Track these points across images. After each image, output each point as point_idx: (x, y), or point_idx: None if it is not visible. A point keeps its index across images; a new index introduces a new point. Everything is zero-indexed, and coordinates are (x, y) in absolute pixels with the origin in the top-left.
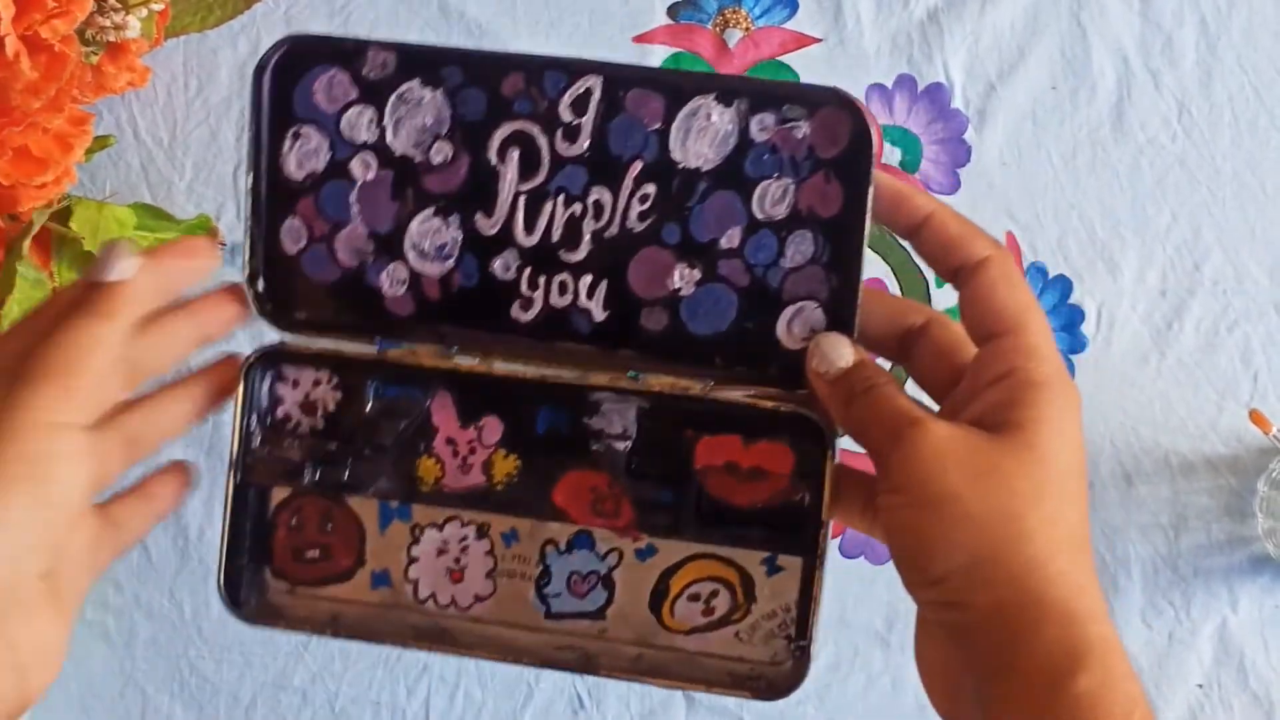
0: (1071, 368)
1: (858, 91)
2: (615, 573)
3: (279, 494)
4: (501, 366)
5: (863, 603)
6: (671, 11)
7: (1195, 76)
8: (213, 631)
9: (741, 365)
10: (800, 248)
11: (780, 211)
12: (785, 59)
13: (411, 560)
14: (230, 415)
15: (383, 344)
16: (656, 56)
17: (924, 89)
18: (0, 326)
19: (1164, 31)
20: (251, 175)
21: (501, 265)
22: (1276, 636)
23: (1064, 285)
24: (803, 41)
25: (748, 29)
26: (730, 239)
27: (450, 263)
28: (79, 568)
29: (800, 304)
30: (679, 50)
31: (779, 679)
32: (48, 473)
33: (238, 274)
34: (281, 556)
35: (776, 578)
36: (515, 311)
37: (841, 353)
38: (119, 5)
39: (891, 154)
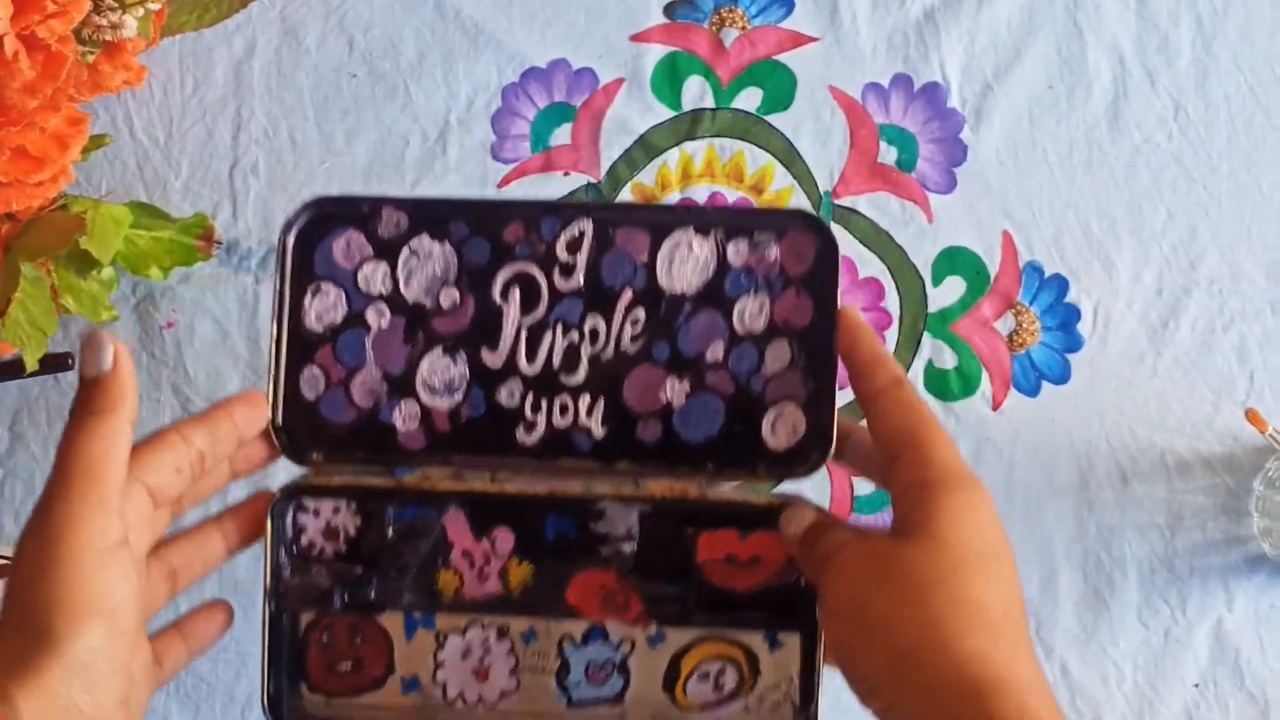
0: (1067, 367)
1: (854, 91)
2: (629, 660)
3: (309, 614)
4: (511, 485)
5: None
6: (668, 10)
7: (1191, 75)
8: None
9: (731, 466)
10: (778, 355)
11: (759, 325)
12: (781, 58)
13: (438, 665)
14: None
15: (398, 471)
16: (653, 55)
17: (920, 88)
18: (4, 325)
19: (1160, 30)
20: (275, 328)
21: (506, 393)
22: (1272, 635)
23: (1060, 284)
24: (799, 40)
25: (744, 28)
26: (715, 352)
27: (459, 396)
28: (140, 692)
29: (781, 405)
30: (675, 49)
31: None
32: (113, 604)
33: (232, 272)
34: (316, 672)
35: (778, 653)
36: (520, 435)
37: (804, 515)
38: (116, 4)
39: (888, 153)
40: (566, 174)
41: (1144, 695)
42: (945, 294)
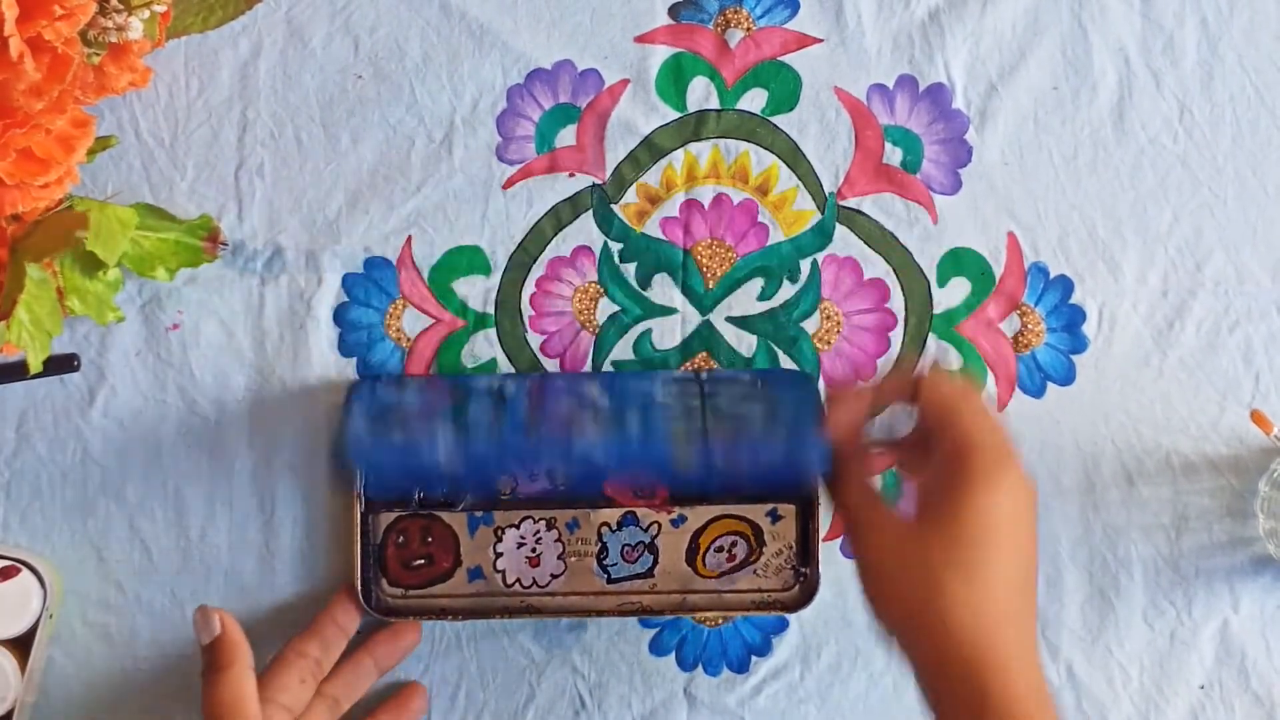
0: (1072, 368)
1: (859, 92)
2: (657, 540)
3: (386, 519)
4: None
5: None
6: (673, 12)
7: (1197, 76)
8: None
9: None
10: None
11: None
12: (786, 59)
13: (498, 555)
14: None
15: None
16: (658, 56)
17: (925, 89)
18: (9, 327)
19: (1165, 31)
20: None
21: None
22: (1278, 637)
23: (1065, 285)
24: (804, 42)
25: (749, 29)
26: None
27: None
28: None
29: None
30: (680, 50)
31: (791, 601)
32: None
33: (237, 274)
34: (394, 569)
35: (779, 524)
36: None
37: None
38: (121, 7)
39: (892, 154)
40: (571, 175)
41: (1150, 697)
42: (950, 295)
